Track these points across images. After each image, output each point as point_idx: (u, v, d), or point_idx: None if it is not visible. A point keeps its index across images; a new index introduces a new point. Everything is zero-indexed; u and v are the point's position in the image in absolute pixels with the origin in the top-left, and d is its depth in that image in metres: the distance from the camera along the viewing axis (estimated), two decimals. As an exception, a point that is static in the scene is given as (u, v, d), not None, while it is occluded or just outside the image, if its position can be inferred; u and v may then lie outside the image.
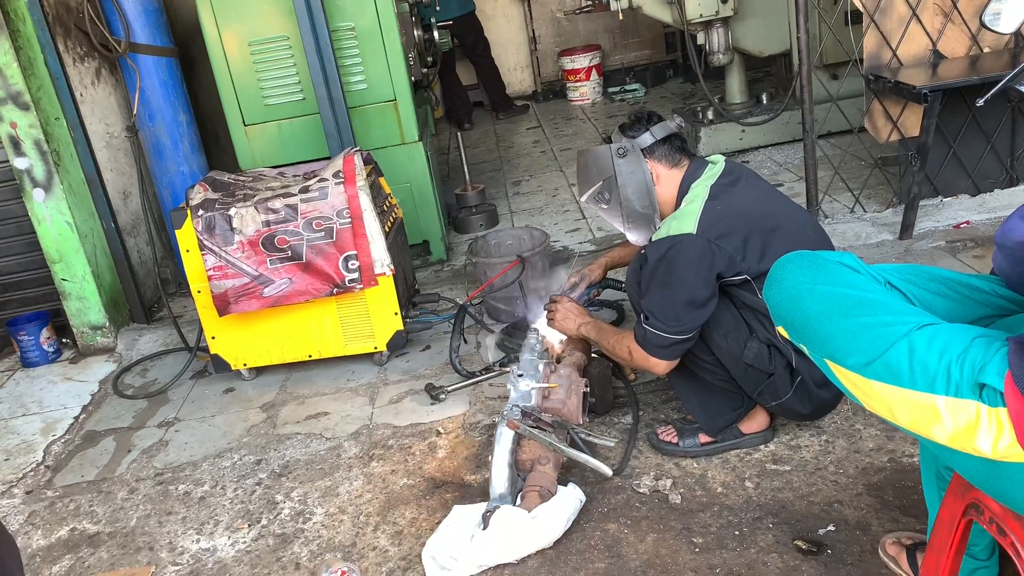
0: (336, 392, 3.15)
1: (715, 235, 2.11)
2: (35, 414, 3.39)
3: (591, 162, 2.38)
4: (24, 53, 3.58)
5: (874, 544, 1.93)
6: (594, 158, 2.37)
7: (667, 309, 2.13)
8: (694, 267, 2.10)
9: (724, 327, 2.20)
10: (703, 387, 2.31)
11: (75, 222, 3.71)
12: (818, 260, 1.41)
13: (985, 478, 1.26)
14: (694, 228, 2.11)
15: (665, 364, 2.21)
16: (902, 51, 3.58)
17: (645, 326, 2.17)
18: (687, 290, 2.11)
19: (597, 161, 2.35)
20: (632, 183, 2.30)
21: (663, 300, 2.14)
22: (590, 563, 2.04)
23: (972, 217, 3.58)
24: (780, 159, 4.94)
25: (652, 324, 2.15)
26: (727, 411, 2.32)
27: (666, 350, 2.18)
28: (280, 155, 3.97)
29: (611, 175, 2.32)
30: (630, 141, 2.29)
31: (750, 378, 2.22)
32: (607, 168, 2.32)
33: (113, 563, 2.39)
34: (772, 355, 2.18)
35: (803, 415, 2.30)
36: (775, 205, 2.26)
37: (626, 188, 2.31)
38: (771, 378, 2.20)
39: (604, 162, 2.33)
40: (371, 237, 3.01)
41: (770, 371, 2.19)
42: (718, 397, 2.31)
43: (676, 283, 2.12)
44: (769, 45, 5.12)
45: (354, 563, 2.18)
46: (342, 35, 3.83)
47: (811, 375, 2.18)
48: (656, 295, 2.15)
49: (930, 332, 1.23)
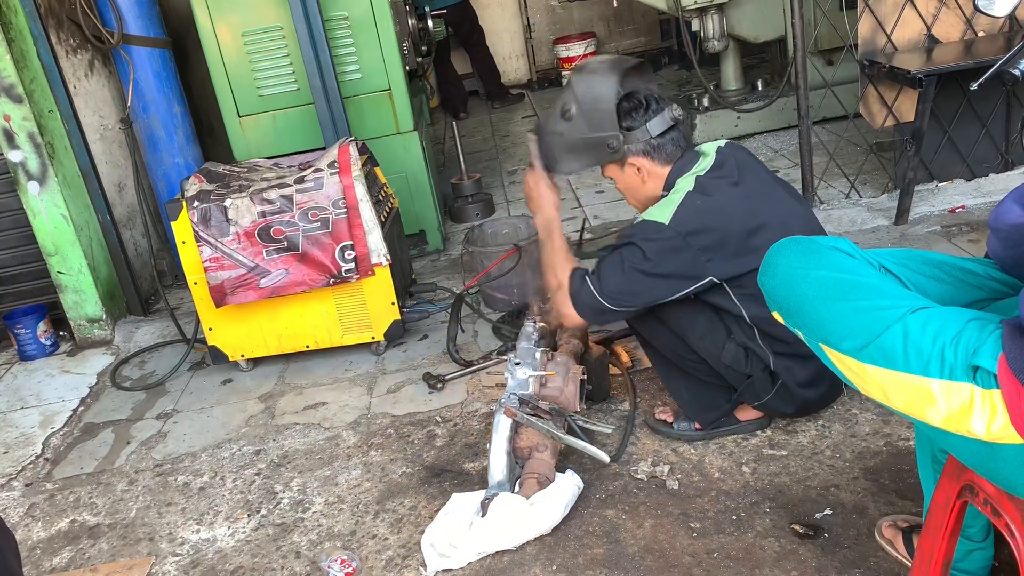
0: (334, 382, 3.15)
1: (687, 230, 2.04)
2: (33, 407, 3.39)
3: (568, 145, 2.22)
4: (16, 45, 3.56)
5: (870, 527, 1.94)
6: (575, 144, 2.21)
7: (612, 280, 2.10)
8: (654, 259, 2.05)
9: (700, 329, 2.20)
10: (693, 382, 2.32)
11: (70, 215, 3.70)
12: (813, 245, 1.42)
13: (979, 460, 1.27)
14: (668, 219, 2.06)
15: (577, 320, 2.18)
16: (897, 36, 3.58)
17: (587, 279, 2.13)
18: (637, 276, 2.07)
19: (577, 148, 2.21)
20: (619, 178, 2.27)
21: (614, 271, 2.10)
22: (588, 549, 2.05)
23: (967, 202, 3.59)
24: (776, 145, 4.94)
25: (593, 283, 2.12)
26: (719, 404, 2.33)
27: (589, 312, 2.14)
28: (275, 146, 3.96)
29: (597, 164, 2.25)
30: (623, 133, 2.16)
31: (732, 377, 2.23)
32: (591, 158, 2.23)
33: (113, 554, 2.40)
34: (749, 358, 2.18)
35: (787, 414, 2.32)
36: (763, 201, 2.15)
37: (611, 177, 2.30)
38: (750, 379, 2.20)
39: (588, 153, 2.22)
40: (367, 227, 3.01)
41: (748, 372, 2.19)
42: (709, 391, 2.31)
43: (630, 265, 2.07)
44: (764, 31, 5.10)
45: (354, 551, 2.19)
46: (336, 24, 3.82)
47: (792, 377, 2.17)
48: (613, 262, 2.11)
49: (924, 315, 1.23)
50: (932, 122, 3.51)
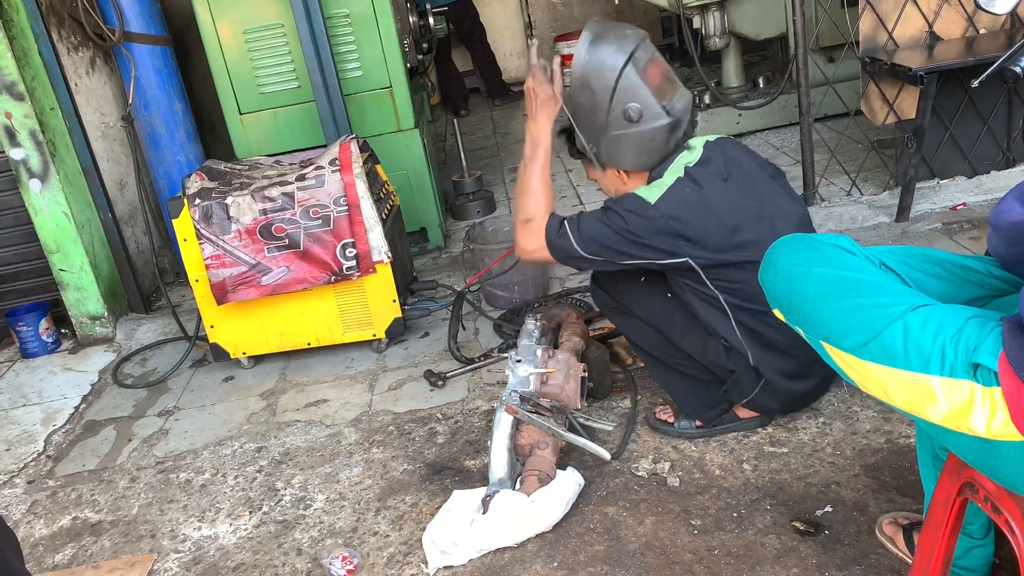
0: (335, 380, 3.16)
1: (671, 214, 2.03)
2: (35, 404, 3.40)
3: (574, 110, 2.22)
4: (18, 43, 3.57)
5: (871, 524, 1.94)
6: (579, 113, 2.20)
7: (591, 229, 2.08)
8: (635, 230, 2.04)
9: (680, 328, 2.21)
10: (688, 380, 2.32)
11: (72, 212, 3.70)
12: (813, 243, 1.42)
13: (980, 457, 1.27)
14: (655, 200, 2.05)
15: (536, 256, 2.14)
16: (898, 33, 3.57)
17: (566, 224, 2.10)
18: (614, 235, 2.05)
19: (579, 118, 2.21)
20: (600, 179, 2.31)
21: (593, 224, 2.08)
22: (589, 546, 2.05)
23: (968, 199, 3.59)
24: (777, 143, 4.94)
25: (572, 230, 2.09)
26: (717, 402, 2.33)
27: (561, 255, 2.10)
28: (276, 143, 3.96)
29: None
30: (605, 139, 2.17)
31: (720, 373, 2.23)
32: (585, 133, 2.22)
33: (115, 551, 2.40)
34: (731, 354, 2.18)
35: (775, 410, 2.31)
36: (750, 199, 2.12)
37: (594, 179, 2.35)
38: (734, 375, 2.19)
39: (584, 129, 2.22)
40: (368, 225, 3.01)
41: (731, 368, 2.18)
42: (706, 388, 2.32)
43: (611, 226, 2.06)
44: (765, 28, 5.10)
45: (355, 549, 2.19)
46: (337, 22, 3.82)
47: (774, 371, 2.16)
48: (594, 216, 2.10)
49: (925, 313, 1.23)
50: (933, 119, 3.51)
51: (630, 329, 2.34)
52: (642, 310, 2.24)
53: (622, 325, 2.36)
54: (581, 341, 2.68)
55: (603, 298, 2.42)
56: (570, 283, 3.56)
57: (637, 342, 2.37)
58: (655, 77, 2.13)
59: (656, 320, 2.24)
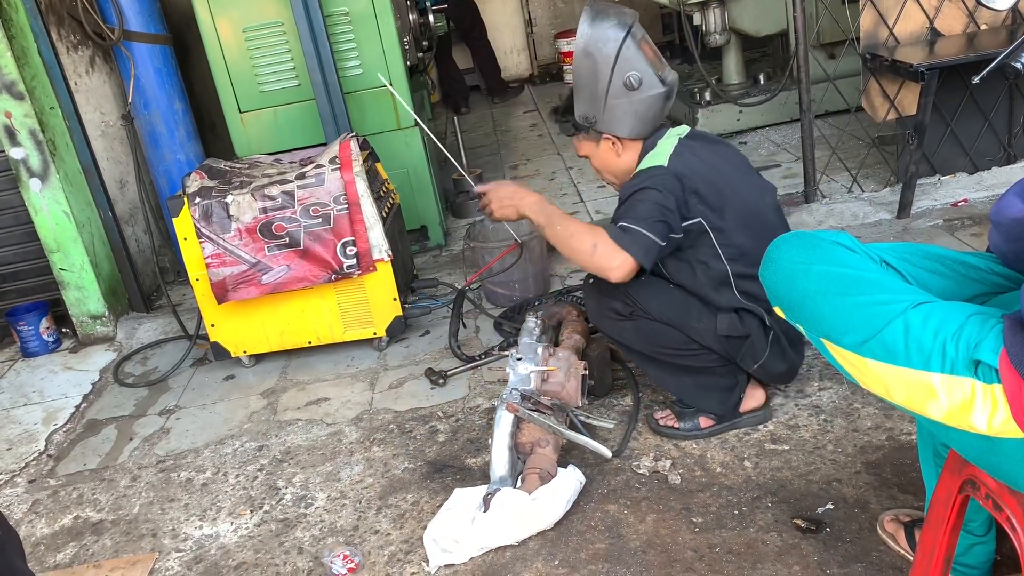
0: (336, 378, 3.16)
1: (680, 173, 2.17)
2: (36, 404, 3.40)
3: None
4: (17, 42, 3.56)
5: (872, 522, 1.94)
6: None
7: (645, 214, 2.12)
8: (665, 191, 2.15)
9: (694, 312, 2.25)
10: (695, 374, 2.32)
11: (72, 212, 3.70)
12: (814, 240, 1.41)
13: (981, 454, 1.27)
14: (666, 162, 2.19)
15: (629, 267, 2.11)
16: (899, 29, 3.57)
17: (622, 224, 2.13)
18: (660, 205, 2.13)
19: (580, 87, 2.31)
20: (595, 154, 2.40)
21: (640, 209, 2.13)
22: (590, 544, 2.05)
23: (970, 195, 3.58)
24: (778, 139, 4.93)
25: (629, 223, 2.12)
26: (727, 389, 2.34)
27: (642, 249, 2.10)
28: (276, 142, 3.96)
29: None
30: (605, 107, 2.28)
31: (731, 346, 2.26)
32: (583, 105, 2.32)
33: (117, 550, 2.40)
34: (743, 318, 2.25)
35: (781, 373, 2.35)
36: (736, 178, 2.29)
37: (586, 155, 2.42)
38: (748, 340, 2.25)
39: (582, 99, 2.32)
40: (368, 223, 3.01)
41: (746, 333, 2.25)
42: (714, 378, 2.32)
43: (650, 199, 2.14)
44: (766, 25, 5.09)
45: (356, 547, 2.19)
46: (336, 20, 3.81)
47: (783, 331, 2.26)
48: (633, 208, 2.15)
49: (925, 310, 1.23)
50: (934, 115, 3.51)
51: (639, 336, 2.29)
52: (656, 305, 2.24)
53: (631, 334, 2.30)
54: (582, 339, 2.68)
55: (612, 308, 2.30)
56: (571, 281, 3.56)
57: (645, 350, 2.31)
58: (649, 51, 2.28)
59: (671, 311, 2.25)
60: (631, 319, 2.28)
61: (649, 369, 2.41)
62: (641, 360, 2.40)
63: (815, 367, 2.60)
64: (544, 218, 2.27)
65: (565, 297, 3.36)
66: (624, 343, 2.36)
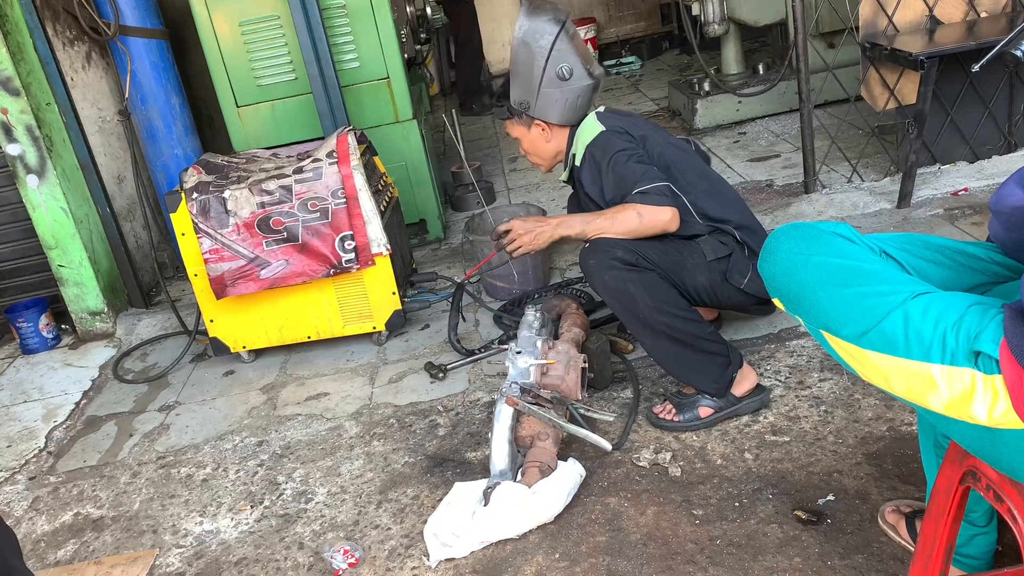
0: (336, 373, 3.15)
1: (616, 126, 2.44)
2: (36, 400, 3.40)
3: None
4: (12, 38, 3.55)
5: (873, 513, 1.94)
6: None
7: (639, 172, 2.33)
8: (626, 146, 2.39)
9: (684, 250, 2.38)
10: (691, 349, 2.31)
11: (70, 208, 3.69)
12: (813, 231, 1.40)
13: (981, 445, 1.26)
14: (601, 128, 2.44)
15: (673, 211, 2.32)
16: (898, 18, 3.55)
17: (638, 191, 2.31)
18: (635, 157, 2.37)
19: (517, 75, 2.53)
20: (524, 137, 2.64)
21: (630, 171, 2.34)
22: (591, 537, 2.05)
23: (970, 184, 3.57)
24: (777, 129, 4.91)
25: (641, 187, 2.31)
26: (721, 365, 2.34)
27: (667, 198, 2.32)
28: (274, 136, 3.95)
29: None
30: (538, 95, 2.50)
31: (720, 271, 2.39)
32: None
33: (117, 547, 2.40)
34: (720, 239, 2.42)
35: (764, 296, 2.35)
36: (649, 128, 2.55)
37: (517, 137, 2.66)
38: (732, 257, 2.41)
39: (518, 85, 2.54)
40: (367, 217, 3.00)
41: (728, 252, 2.40)
42: (708, 355, 2.32)
43: (628, 158, 2.36)
44: (764, 15, 5.07)
45: (357, 542, 2.19)
46: (333, 13, 3.79)
47: (756, 244, 2.42)
48: (623, 171, 2.35)
49: (925, 301, 1.22)
50: (934, 104, 3.49)
51: (645, 290, 2.26)
52: (652, 249, 2.32)
53: (636, 287, 2.26)
54: (581, 332, 2.67)
55: (618, 257, 2.28)
56: (570, 274, 3.55)
57: (647, 312, 2.27)
58: (580, 46, 2.51)
59: (666, 254, 2.34)
60: (637, 269, 2.27)
61: (645, 340, 2.35)
62: (640, 329, 2.33)
63: (815, 358, 2.59)
64: (579, 228, 2.41)
65: (565, 290, 3.35)
66: (627, 300, 2.28)
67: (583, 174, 2.48)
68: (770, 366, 2.60)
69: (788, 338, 2.73)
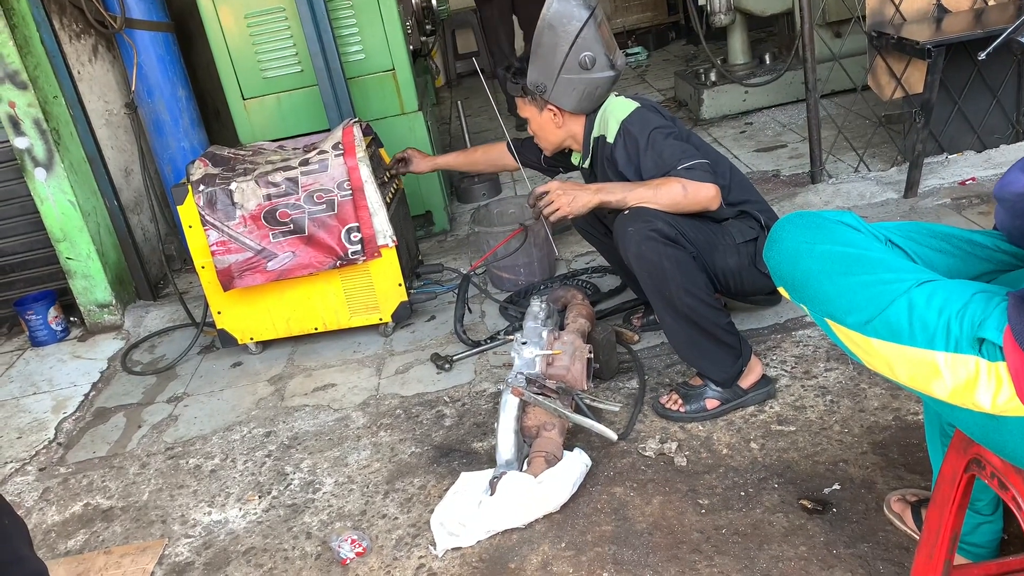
0: (343, 364, 3.16)
1: (650, 104, 2.46)
2: (45, 392, 3.42)
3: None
4: (20, 31, 3.56)
5: (879, 502, 1.94)
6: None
7: (679, 149, 2.32)
8: (664, 121, 2.40)
9: (717, 231, 2.38)
10: (707, 336, 2.31)
11: (77, 200, 3.71)
12: (818, 219, 1.40)
13: (985, 433, 1.26)
14: (636, 104, 2.45)
15: (716, 189, 2.30)
16: (905, 6, 3.53)
17: (682, 165, 2.29)
18: (672, 134, 2.37)
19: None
20: (534, 118, 2.60)
21: (670, 148, 2.33)
22: (597, 526, 2.05)
23: (978, 173, 3.55)
24: (784, 120, 4.90)
25: (684, 163, 2.29)
26: (732, 358, 2.34)
27: (709, 174, 2.30)
28: (280, 128, 3.95)
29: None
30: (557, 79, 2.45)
31: (748, 254, 2.39)
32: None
33: (127, 537, 2.42)
34: (747, 222, 2.43)
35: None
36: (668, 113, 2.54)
37: (526, 116, 2.62)
38: (758, 241, 2.40)
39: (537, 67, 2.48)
40: (373, 209, 3.01)
41: (755, 236, 2.41)
42: (721, 346, 2.33)
43: (667, 135, 2.35)
44: (771, 4, 5.05)
45: (364, 531, 2.20)
46: (338, 5, 3.79)
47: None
48: (663, 147, 2.33)
49: (930, 288, 1.22)
50: (941, 93, 3.47)
51: (678, 268, 2.24)
52: (689, 227, 2.31)
53: (671, 263, 2.23)
54: (587, 322, 2.67)
55: (657, 228, 2.25)
56: (576, 264, 3.55)
57: (675, 290, 2.25)
58: (606, 35, 2.45)
59: (701, 233, 2.34)
60: (674, 245, 2.25)
61: (666, 318, 2.32)
62: (663, 306, 2.30)
63: (821, 347, 2.59)
64: (621, 195, 2.34)
65: (570, 281, 3.35)
66: (658, 274, 2.25)
67: (616, 151, 2.41)
68: (776, 356, 2.60)
69: (794, 328, 2.73)
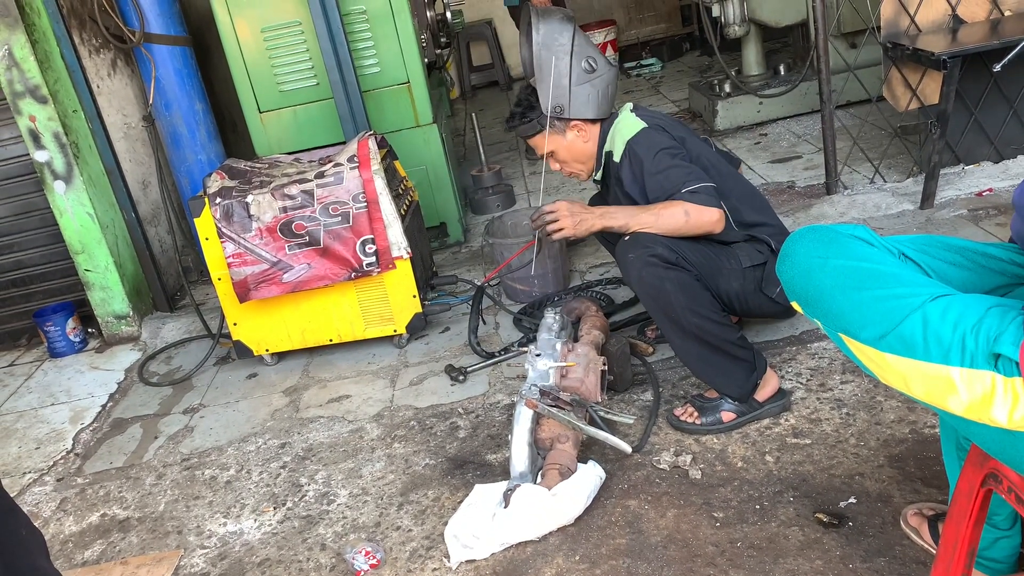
0: (357, 375, 3.17)
1: (655, 123, 2.44)
2: (63, 403, 3.45)
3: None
4: (40, 47, 3.61)
5: (896, 515, 1.92)
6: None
7: (684, 173, 2.31)
8: (670, 144, 2.38)
9: (722, 255, 2.37)
10: (719, 352, 2.31)
11: (96, 213, 3.75)
12: (831, 234, 1.40)
13: (1002, 448, 1.25)
14: (641, 125, 2.42)
15: (720, 213, 2.30)
16: (920, 17, 3.52)
17: (686, 188, 2.29)
18: (679, 157, 2.36)
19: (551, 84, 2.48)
20: (560, 147, 2.57)
21: (676, 172, 2.32)
22: (611, 539, 2.05)
23: (995, 184, 3.53)
24: (799, 131, 4.89)
25: (688, 185, 2.30)
26: (747, 371, 2.33)
27: (714, 197, 2.31)
28: (296, 141, 3.99)
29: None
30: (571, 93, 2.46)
31: (755, 279, 2.39)
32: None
33: (143, 547, 2.43)
34: (756, 247, 2.42)
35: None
36: (681, 129, 2.54)
37: (551, 150, 2.59)
38: (766, 266, 2.40)
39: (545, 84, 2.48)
40: (387, 221, 3.02)
41: (763, 260, 2.40)
42: (734, 361, 2.32)
43: (672, 157, 2.35)
44: (785, 15, 5.05)
45: (378, 543, 2.21)
46: (354, 19, 3.83)
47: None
48: (668, 169, 2.33)
49: (944, 303, 1.22)
50: (958, 104, 3.46)
51: (680, 290, 2.24)
52: (691, 251, 2.31)
53: (672, 286, 2.24)
54: (601, 334, 2.67)
55: (656, 254, 2.26)
56: (590, 276, 3.56)
57: (680, 312, 2.25)
58: (590, 40, 2.53)
59: (704, 256, 2.34)
60: (675, 268, 2.25)
61: (675, 339, 2.33)
62: (671, 328, 2.31)
63: (836, 360, 2.58)
64: (624, 220, 2.37)
65: (584, 293, 3.35)
66: (662, 298, 2.26)
67: (622, 171, 2.43)
68: (791, 368, 2.59)
69: (809, 340, 2.72)
